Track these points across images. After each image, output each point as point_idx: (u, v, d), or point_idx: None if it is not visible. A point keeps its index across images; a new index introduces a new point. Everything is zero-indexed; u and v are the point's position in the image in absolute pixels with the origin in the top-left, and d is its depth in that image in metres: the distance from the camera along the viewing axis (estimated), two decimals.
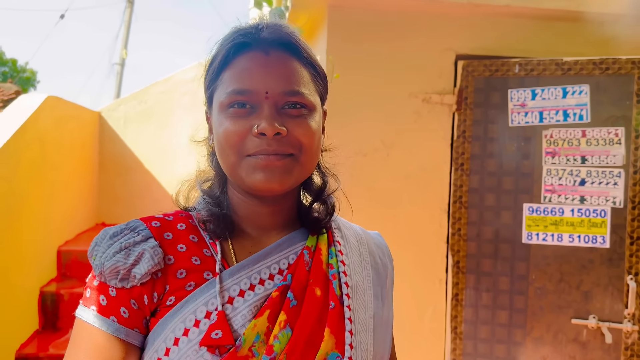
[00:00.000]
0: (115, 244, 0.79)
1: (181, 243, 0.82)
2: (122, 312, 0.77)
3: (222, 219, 0.84)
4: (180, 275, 0.79)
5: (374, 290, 0.91)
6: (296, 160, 0.80)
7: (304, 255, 0.86)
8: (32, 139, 3.53)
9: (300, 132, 0.79)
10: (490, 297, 2.54)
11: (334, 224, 0.95)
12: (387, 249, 1.02)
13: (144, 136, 5.34)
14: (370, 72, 2.55)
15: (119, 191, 5.28)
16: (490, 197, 2.53)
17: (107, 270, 0.77)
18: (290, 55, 0.82)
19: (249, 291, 0.80)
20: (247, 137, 0.78)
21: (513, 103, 2.50)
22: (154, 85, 5.39)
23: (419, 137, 2.58)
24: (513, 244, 2.52)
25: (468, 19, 2.58)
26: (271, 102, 0.78)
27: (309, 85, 0.82)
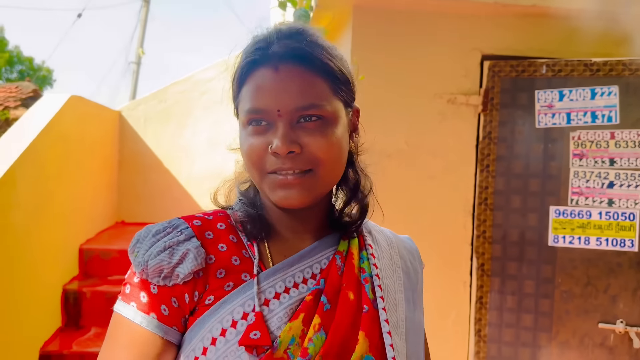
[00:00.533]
0: (159, 243, 0.80)
1: (222, 243, 0.83)
2: (162, 310, 0.77)
3: (258, 220, 0.86)
4: (219, 275, 0.80)
5: (405, 294, 0.91)
6: (315, 176, 0.79)
7: (336, 259, 0.86)
8: (56, 139, 3.57)
9: (317, 147, 0.78)
10: (515, 300, 2.52)
11: (364, 228, 0.95)
12: (417, 253, 1.02)
13: (163, 135, 5.37)
14: (395, 72, 2.53)
15: (138, 190, 5.32)
16: (516, 199, 2.51)
17: (150, 269, 0.78)
18: (302, 66, 0.79)
19: (284, 294, 0.81)
20: (266, 155, 0.79)
21: (540, 104, 2.47)
22: (173, 84, 5.41)
23: (444, 138, 2.56)
24: (539, 246, 2.48)
25: (494, 18, 2.55)
26: (285, 119, 0.78)
27: (325, 95, 0.80)
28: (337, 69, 0.82)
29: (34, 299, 3.19)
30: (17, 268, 2.95)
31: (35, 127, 3.29)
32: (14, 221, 2.91)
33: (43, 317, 3.36)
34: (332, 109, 0.80)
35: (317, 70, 0.79)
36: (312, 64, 0.79)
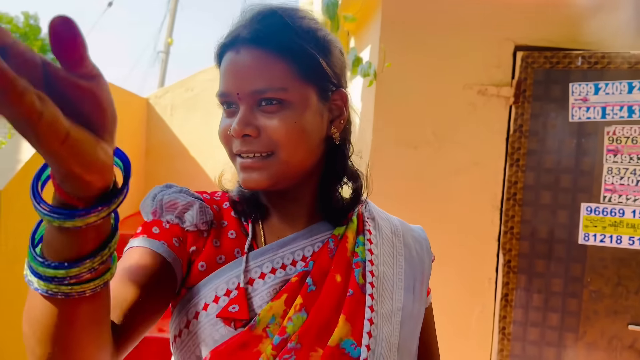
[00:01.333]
0: (175, 187, 0.85)
1: (224, 219, 0.87)
2: (174, 241, 0.79)
3: (250, 200, 0.88)
4: (215, 244, 0.83)
5: (405, 283, 0.90)
6: (276, 158, 0.78)
7: (329, 243, 0.86)
8: None
9: (273, 130, 0.77)
10: (541, 298, 2.45)
11: (367, 214, 0.94)
12: (426, 243, 0.99)
13: (189, 123, 5.39)
14: (424, 61, 2.48)
15: (164, 177, 5.35)
16: (546, 195, 2.43)
17: (165, 204, 0.82)
18: (263, 49, 0.77)
19: (270, 274, 0.82)
20: (232, 138, 0.81)
21: (574, 97, 2.39)
22: (200, 73, 5.42)
23: (473, 130, 2.49)
24: (568, 244, 2.41)
25: (529, 8, 2.47)
26: (244, 102, 0.78)
27: (286, 79, 0.77)
28: (307, 52, 0.79)
29: None
30: None
31: None
32: None
33: None
34: (295, 93, 0.78)
35: (280, 53, 0.77)
36: (274, 47, 0.77)
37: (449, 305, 2.53)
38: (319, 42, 0.82)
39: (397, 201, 2.48)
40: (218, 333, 0.77)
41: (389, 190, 2.48)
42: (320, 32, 0.83)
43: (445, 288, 2.53)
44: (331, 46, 0.84)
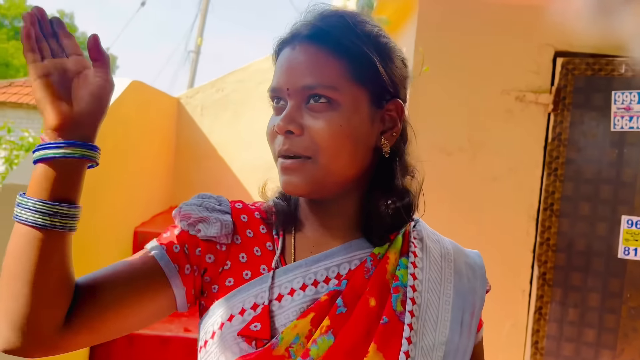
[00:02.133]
0: (199, 199, 0.84)
1: (251, 229, 0.83)
2: (174, 247, 0.79)
3: (283, 212, 0.84)
4: (242, 259, 0.81)
5: (453, 314, 0.81)
6: (314, 163, 0.75)
7: (367, 261, 0.79)
8: (117, 123, 3.64)
9: (316, 131, 0.74)
10: (577, 313, 2.37)
11: (416, 234, 0.86)
12: (481, 271, 0.90)
13: (219, 124, 5.42)
14: (460, 65, 2.42)
15: (192, 176, 5.39)
16: (585, 206, 2.36)
17: (182, 213, 0.81)
18: (318, 45, 0.76)
19: (300, 291, 0.78)
20: (277, 135, 0.78)
21: (617, 106, 2.30)
22: (231, 74, 5.45)
23: (510, 137, 2.43)
24: (607, 258, 2.33)
25: (570, 13, 2.40)
26: (293, 98, 0.76)
27: (339, 78, 0.75)
28: (364, 54, 0.76)
29: None
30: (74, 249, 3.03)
31: None
32: None
33: None
34: (346, 94, 0.75)
35: (335, 51, 0.75)
36: (330, 44, 0.76)
37: None
38: (379, 47, 0.78)
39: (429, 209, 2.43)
40: (238, 347, 0.74)
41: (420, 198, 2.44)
42: (382, 39, 0.80)
43: None
44: (392, 53, 0.80)
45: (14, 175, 2.61)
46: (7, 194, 2.50)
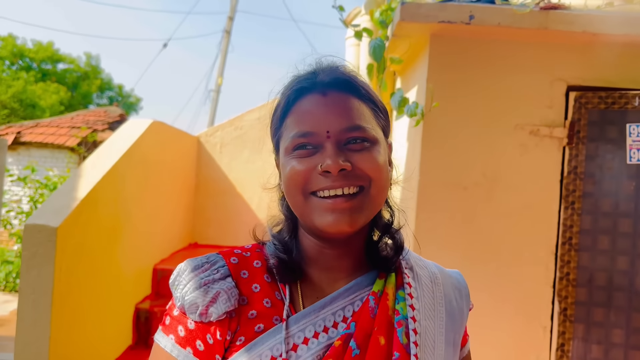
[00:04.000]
0: (196, 279, 0.81)
1: (256, 283, 0.84)
2: (197, 345, 0.78)
3: (288, 265, 0.85)
4: (251, 316, 0.81)
5: (446, 337, 0.87)
6: (366, 195, 0.79)
7: (370, 301, 0.83)
8: (137, 162, 3.72)
9: (367, 164, 0.79)
10: (601, 350, 2.31)
11: (405, 263, 0.91)
12: (465, 290, 0.96)
13: (237, 161, 5.49)
14: (473, 101, 2.44)
15: (211, 213, 5.44)
16: (605, 239, 2.32)
17: (187, 304, 0.80)
18: (348, 93, 0.82)
19: (313, 339, 0.79)
20: (312, 176, 0.79)
21: (632, 138, 2.29)
22: (249, 112, 5.55)
23: (525, 171, 2.42)
24: (629, 292, 2.28)
25: (581, 48, 2.42)
26: (333, 140, 0.79)
27: (370, 120, 0.82)
28: (377, 99, 0.86)
29: (108, 316, 3.30)
30: (94, 286, 3.06)
31: (118, 150, 3.44)
32: (92, 241, 3.03)
33: (116, 334, 3.46)
34: (375, 133, 0.82)
35: (361, 97, 0.83)
36: (356, 92, 0.83)
37: (501, 354, 2.41)
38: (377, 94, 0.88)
39: (445, 245, 2.42)
40: None
41: (436, 233, 2.43)
42: None
43: (497, 336, 2.42)
44: None
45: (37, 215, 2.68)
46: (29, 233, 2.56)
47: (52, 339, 2.55)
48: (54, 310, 2.56)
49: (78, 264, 2.84)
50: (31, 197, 6.41)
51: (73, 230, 2.74)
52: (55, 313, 2.58)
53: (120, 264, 3.46)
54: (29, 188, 6.61)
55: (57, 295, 2.59)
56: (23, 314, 2.55)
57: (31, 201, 6.40)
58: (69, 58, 21.66)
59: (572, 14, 2.28)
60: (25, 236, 2.55)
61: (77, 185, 3.03)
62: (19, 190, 8.36)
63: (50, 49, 20.89)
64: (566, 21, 2.27)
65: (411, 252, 0.96)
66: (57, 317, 2.60)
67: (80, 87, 21.36)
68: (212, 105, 13.60)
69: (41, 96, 18.15)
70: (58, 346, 2.60)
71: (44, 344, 2.52)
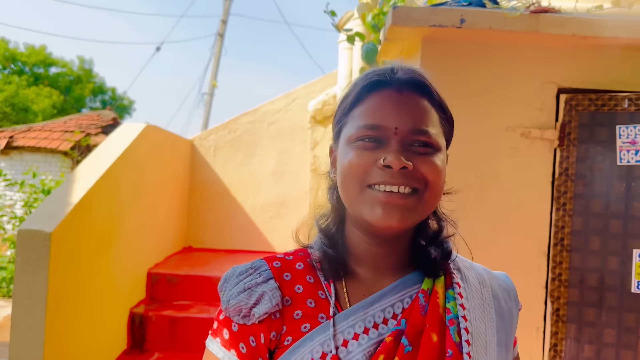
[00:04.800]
0: (240, 284, 0.84)
1: (299, 284, 0.85)
2: (240, 348, 0.81)
3: (334, 261, 0.86)
4: (296, 317, 0.82)
5: (498, 337, 0.87)
6: (420, 198, 0.80)
7: (420, 298, 0.84)
8: (131, 166, 3.72)
9: (427, 168, 0.80)
10: (593, 350, 2.33)
11: (453, 265, 0.93)
12: (514, 292, 0.97)
13: (231, 164, 5.51)
14: (465, 104, 2.46)
15: (206, 216, 5.45)
16: (596, 240, 2.34)
17: (231, 308, 0.82)
18: (422, 95, 0.84)
19: (363, 335, 0.80)
20: (371, 169, 0.80)
21: (622, 140, 2.32)
22: (243, 115, 5.56)
23: (517, 173, 2.44)
24: (621, 293, 2.30)
25: (572, 50, 2.44)
26: (399, 138, 0.80)
27: (437, 126, 0.84)
28: (446, 107, 0.89)
29: (102, 321, 3.29)
30: (88, 291, 3.06)
31: (111, 154, 3.45)
32: (86, 246, 3.03)
33: (110, 338, 3.46)
34: (440, 140, 0.84)
35: (433, 102, 0.85)
36: (430, 96, 0.85)
37: None
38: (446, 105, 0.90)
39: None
40: None
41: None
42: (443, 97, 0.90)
43: None
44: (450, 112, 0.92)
45: (31, 221, 2.67)
46: (23, 239, 2.56)
47: (46, 344, 2.54)
48: (48, 315, 2.56)
49: (72, 269, 2.84)
50: (25, 201, 6.39)
51: (67, 235, 2.74)
52: (50, 318, 2.57)
53: (114, 268, 3.45)
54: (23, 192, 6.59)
55: (51, 300, 2.58)
56: (17, 320, 2.54)
57: (26, 205, 6.38)
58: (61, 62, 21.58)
59: (562, 17, 2.31)
60: (19, 241, 2.55)
61: (71, 190, 3.03)
62: (12, 195, 8.33)
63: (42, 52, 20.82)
64: (556, 24, 2.29)
65: (459, 256, 0.97)
66: (52, 322, 2.60)
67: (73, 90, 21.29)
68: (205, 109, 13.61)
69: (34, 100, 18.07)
70: (52, 351, 2.60)
71: (38, 350, 2.52)
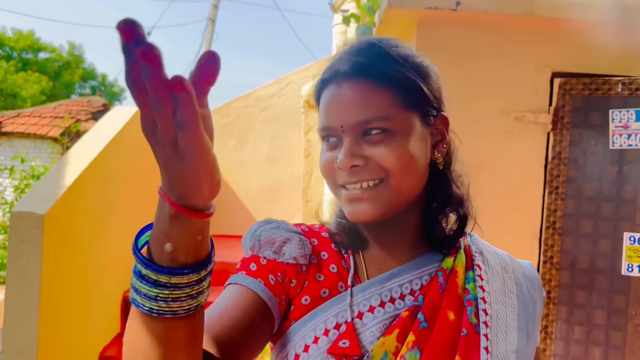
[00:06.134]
0: (273, 223, 0.85)
1: (324, 251, 0.85)
2: (270, 279, 0.79)
3: (349, 231, 0.86)
4: (318, 279, 0.82)
5: (519, 323, 0.85)
6: (387, 186, 0.77)
7: (438, 276, 0.83)
8: (123, 150, 3.70)
9: (381, 157, 0.76)
10: (583, 331, 2.37)
11: (475, 248, 0.91)
12: (538, 281, 0.94)
13: (224, 149, 5.48)
14: (459, 88, 2.47)
15: None
16: (587, 224, 2.37)
17: (263, 240, 0.81)
18: (365, 80, 0.77)
19: (379, 308, 0.79)
20: (336, 170, 0.80)
21: (615, 124, 2.34)
22: (235, 100, 5.53)
23: (510, 157, 2.46)
24: (611, 275, 2.34)
25: (566, 34, 2.45)
26: (348, 134, 0.77)
27: (390, 108, 0.77)
28: (409, 79, 0.79)
29: (95, 305, 3.29)
30: (81, 274, 3.05)
31: (104, 138, 3.42)
32: (79, 228, 3.02)
33: (104, 322, 3.46)
34: (399, 121, 0.77)
35: (382, 83, 0.77)
36: (376, 77, 0.77)
37: None
38: (418, 68, 0.82)
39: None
40: None
41: None
42: (417, 58, 0.83)
43: None
44: (429, 71, 0.84)
45: (24, 203, 2.66)
46: (16, 221, 2.55)
47: (40, 326, 2.54)
48: (42, 297, 2.55)
49: (65, 252, 2.83)
50: (16, 187, 6.35)
51: (60, 218, 2.73)
52: (43, 301, 2.57)
53: (107, 251, 3.45)
54: (13, 179, 6.55)
55: (45, 282, 2.58)
56: (11, 302, 2.53)
57: (16, 191, 6.33)
58: (50, 47, 21.31)
59: (557, 0, 2.31)
60: (12, 224, 2.54)
61: (64, 173, 3.01)
62: (2, 181, 8.26)
63: (31, 37, 20.52)
64: (551, 8, 2.30)
65: (479, 238, 0.95)
66: (45, 304, 2.59)
67: (62, 76, 21.04)
68: None
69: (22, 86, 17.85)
70: (46, 334, 2.60)
71: (33, 332, 2.52)
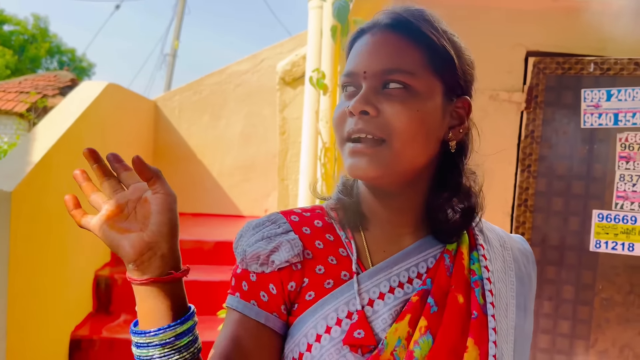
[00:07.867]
0: (258, 234, 0.81)
1: (319, 240, 0.82)
2: (261, 296, 0.78)
3: (350, 208, 0.84)
4: (319, 271, 0.79)
5: (517, 301, 0.85)
6: (389, 147, 0.74)
7: (445, 259, 0.81)
8: (93, 126, 3.61)
9: (392, 113, 0.74)
10: (552, 305, 2.43)
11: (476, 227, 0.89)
12: (532, 257, 0.94)
13: (197, 126, 5.40)
14: None
15: (171, 180, 5.23)
16: (558, 201, 2.42)
17: (248, 256, 0.79)
18: (399, 33, 0.77)
19: (389, 294, 0.78)
20: (346, 119, 0.77)
21: (586, 103, 2.37)
22: (208, 76, 5.43)
23: (484, 135, 2.47)
24: (580, 251, 2.40)
25: (541, 14, 2.46)
26: (369, 81, 0.76)
27: (416, 65, 0.76)
28: (441, 45, 0.78)
29: (66, 284, 3.24)
30: (51, 252, 3.00)
31: (72, 113, 3.33)
32: (48, 206, 2.95)
33: (75, 301, 3.41)
34: (422, 82, 0.76)
35: (415, 39, 0.77)
36: (410, 33, 0.77)
37: None
38: (455, 45, 0.81)
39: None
40: (345, 358, 0.74)
41: None
42: (456, 38, 0.83)
43: None
44: (464, 52, 0.83)
45: None
46: None
47: (9, 305, 2.49)
48: (10, 276, 2.50)
49: (34, 230, 2.77)
50: None
51: (28, 195, 2.66)
52: (12, 280, 2.51)
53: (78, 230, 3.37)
54: None
55: (13, 261, 2.52)
56: None
57: None
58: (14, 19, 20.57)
59: None
60: None
61: (32, 149, 2.92)
62: None
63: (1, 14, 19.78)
64: None
65: None
66: (14, 283, 2.54)
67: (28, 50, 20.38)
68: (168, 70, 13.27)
69: None
70: (15, 314, 2.55)
71: (2, 312, 2.47)
